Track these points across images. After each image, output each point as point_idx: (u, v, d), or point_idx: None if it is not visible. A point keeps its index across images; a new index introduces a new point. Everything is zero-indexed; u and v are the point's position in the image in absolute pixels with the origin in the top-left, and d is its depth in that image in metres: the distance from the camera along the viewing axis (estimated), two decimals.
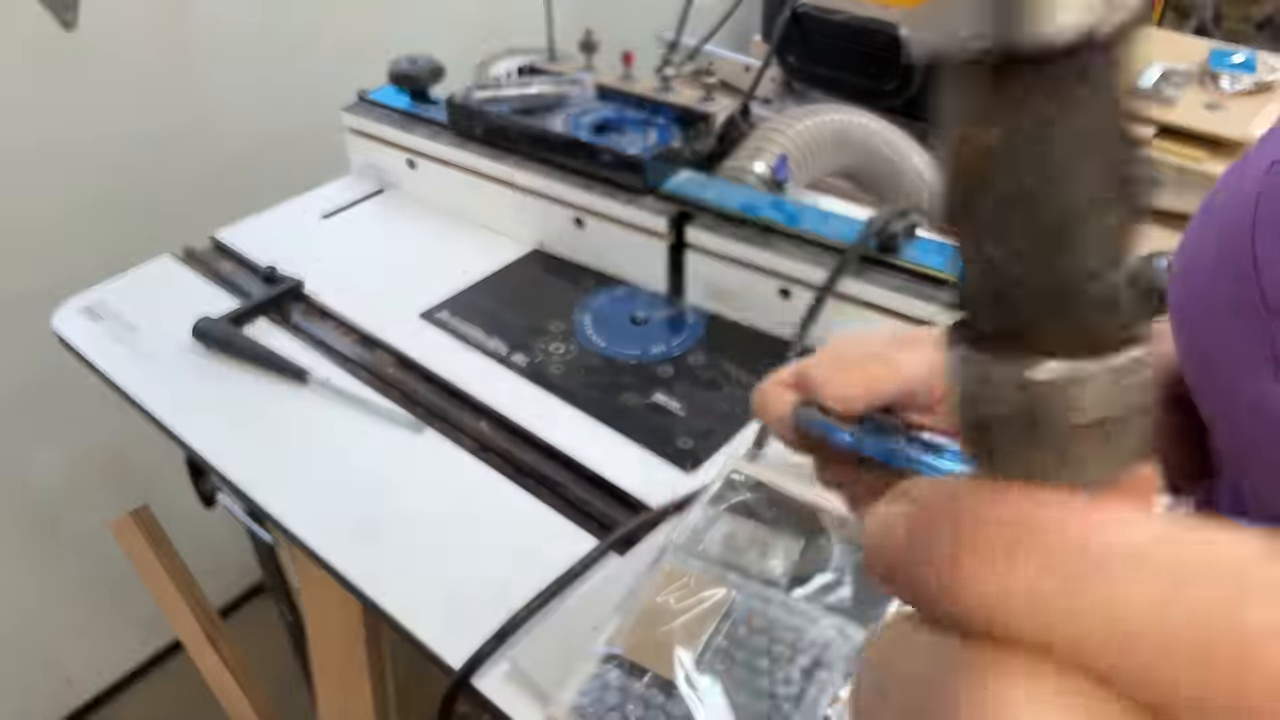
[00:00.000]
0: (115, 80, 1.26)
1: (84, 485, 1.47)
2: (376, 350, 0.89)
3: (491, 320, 0.92)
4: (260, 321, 0.92)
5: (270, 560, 1.11)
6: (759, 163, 0.96)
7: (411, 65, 1.11)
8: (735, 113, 1.04)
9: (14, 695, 1.53)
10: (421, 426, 0.78)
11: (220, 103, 1.39)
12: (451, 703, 0.61)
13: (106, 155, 1.29)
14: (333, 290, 0.96)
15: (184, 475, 0.96)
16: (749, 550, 0.60)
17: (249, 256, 1.02)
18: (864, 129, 0.98)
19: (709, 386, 0.83)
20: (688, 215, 0.90)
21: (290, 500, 0.73)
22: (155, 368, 0.87)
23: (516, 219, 1.03)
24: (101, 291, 0.98)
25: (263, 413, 0.82)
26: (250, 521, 0.99)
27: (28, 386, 1.34)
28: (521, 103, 1.02)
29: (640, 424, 0.78)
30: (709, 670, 0.54)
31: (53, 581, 1.50)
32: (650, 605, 0.58)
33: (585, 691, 0.54)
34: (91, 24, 1.20)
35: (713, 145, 1.03)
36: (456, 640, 0.61)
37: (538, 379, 0.84)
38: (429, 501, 0.73)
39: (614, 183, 0.94)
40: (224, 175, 1.44)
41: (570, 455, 0.75)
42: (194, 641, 1.25)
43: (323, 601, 0.91)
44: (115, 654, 1.66)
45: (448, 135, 1.05)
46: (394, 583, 0.66)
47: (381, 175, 1.15)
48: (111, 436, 1.45)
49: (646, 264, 0.94)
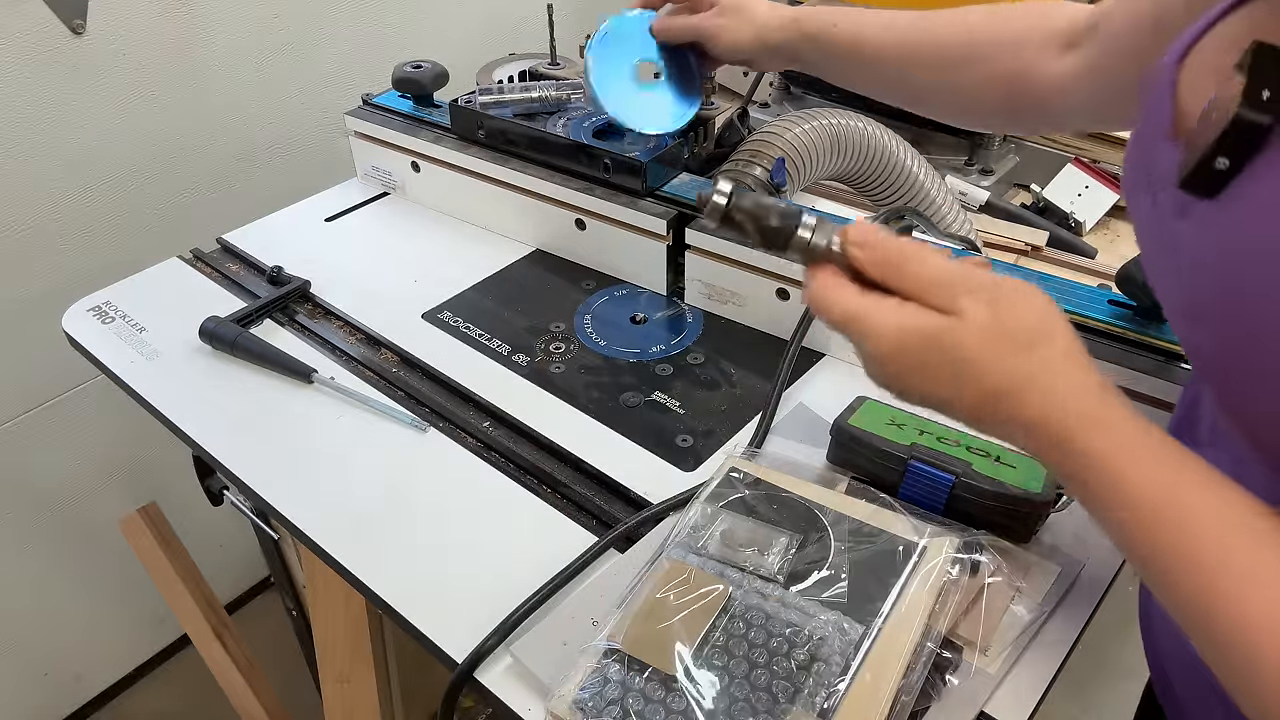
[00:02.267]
0: (123, 85, 1.27)
1: (92, 483, 1.48)
2: (381, 350, 0.90)
3: (493, 320, 0.93)
4: (266, 322, 0.94)
5: (276, 556, 1.12)
6: (757, 166, 0.98)
7: (415, 70, 1.12)
8: (734, 116, 1.06)
9: (24, 691, 1.55)
10: (425, 425, 0.80)
11: (227, 107, 1.40)
12: (455, 696, 0.62)
13: (115, 159, 1.30)
14: (337, 291, 0.98)
15: (191, 473, 0.98)
16: (747, 547, 0.61)
17: (255, 258, 1.03)
18: (861, 133, 0.99)
19: (708, 386, 0.84)
20: (687, 217, 0.91)
21: (296, 497, 0.74)
22: (163, 367, 0.88)
23: (518, 221, 1.04)
24: (110, 292, 0.99)
25: (269, 411, 0.83)
26: (256, 518, 1.01)
27: (37, 386, 1.35)
28: (523, 107, 1.03)
29: (640, 422, 0.80)
30: (708, 665, 0.55)
31: (61, 578, 1.51)
32: (650, 601, 0.59)
33: (586, 685, 0.55)
34: (100, 30, 1.22)
35: (711, 148, 1.04)
36: (460, 635, 0.62)
37: (539, 378, 0.85)
38: (432, 498, 0.74)
39: (614, 185, 0.95)
40: (231, 179, 1.45)
41: (571, 453, 0.76)
42: (201, 636, 1.27)
43: (328, 596, 0.92)
44: (123, 649, 1.68)
45: (451, 139, 1.07)
46: (398, 578, 0.67)
47: (385, 178, 1.16)
48: (119, 435, 1.47)
49: (646, 265, 0.95)
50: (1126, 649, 0.42)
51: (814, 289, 0.49)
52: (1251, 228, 0.40)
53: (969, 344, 0.45)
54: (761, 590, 0.59)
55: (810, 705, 0.53)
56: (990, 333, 0.45)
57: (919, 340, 0.46)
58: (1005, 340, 0.45)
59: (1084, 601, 0.63)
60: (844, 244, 0.49)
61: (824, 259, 0.50)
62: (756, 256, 0.87)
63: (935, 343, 0.46)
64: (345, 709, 1.00)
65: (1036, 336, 0.46)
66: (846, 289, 0.49)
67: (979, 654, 0.58)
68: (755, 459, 0.70)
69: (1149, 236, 0.50)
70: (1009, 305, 0.46)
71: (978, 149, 1.30)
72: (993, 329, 0.46)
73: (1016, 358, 0.45)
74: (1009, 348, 0.45)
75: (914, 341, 0.46)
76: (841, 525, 0.62)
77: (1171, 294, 0.48)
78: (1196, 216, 0.43)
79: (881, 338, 0.47)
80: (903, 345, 0.47)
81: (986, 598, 0.60)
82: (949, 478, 0.64)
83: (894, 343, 0.47)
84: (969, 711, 0.56)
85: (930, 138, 1.32)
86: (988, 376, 0.45)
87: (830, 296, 0.49)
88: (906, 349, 0.47)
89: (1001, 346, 0.45)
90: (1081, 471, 0.44)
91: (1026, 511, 0.63)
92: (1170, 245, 0.46)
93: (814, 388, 0.83)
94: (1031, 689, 0.58)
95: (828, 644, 0.55)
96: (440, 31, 1.65)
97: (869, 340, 0.47)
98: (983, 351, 0.45)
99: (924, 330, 0.46)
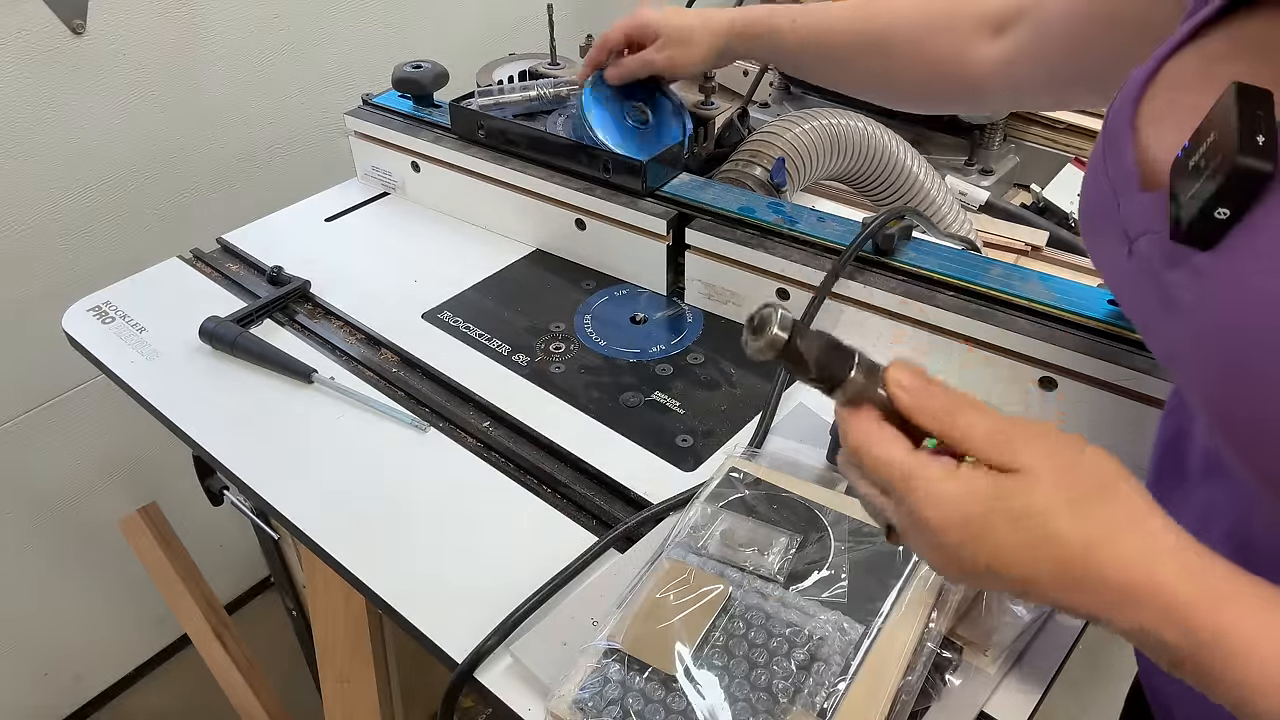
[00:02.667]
0: (123, 85, 1.27)
1: (92, 483, 1.48)
2: (381, 350, 0.90)
3: (493, 320, 0.93)
4: (266, 322, 0.94)
5: (276, 556, 1.12)
6: (757, 166, 0.98)
7: (415, 70, 1.12)
8: (734, 116, 1.06)
9: (24, 690, 1.55)
10: (425, 425, 0.80)
11: (227, 107, 1.40)
12: (455, 696, 0.62)
13: (115, 159, 1.30)
14: (337, 291, 0.98)
15: (191, 473, 0.98)
16: (747, 547, 0.62)
17: (255, 258, 1.03)
18: (861, 133, 0.99)
19: (708, 385, 0.84)
20: (687, 217, 0.91)
21: (296, 497, 0.74)
22: (163, 367, 0.88)
23: (518, 221, 1.04)
24: (110, 292, 0.99)
25: (269, 411, 0.83)
26: (256, 518, 1.01)
27: (37, 386, 1.35)
28: (523, 107, 1.03)
29: (640, 423, 0.80)
30: (708, 665, 0.55)
31: (61, 578, 1.51)
32: (650, 601, 0.59)
33: (586, 685, 0.55)
34: (100, 30, 1.22)
35: (712, 148, 1.04)
36: (460, 634, 0.62)
37: (539, 378, 0.85)
38: (432, 498, 0.74)
39: (614, 185, 0.95)
40: (231, 179, 1.45)
41: (571, 453, 0.76)
42: (201, 636, 1.27)
43: (328, 596, 0.92)
44: (123, 649, 1.68)
45: (451, 139, 1.07)
46: (398, 578, 0.67)
47: (385, 178, 1.16)
48: (120, 435, 1.47)
49: (646, 265, 0.95)
50: (1125, 649, 0.42)
51: (859, 437, 0.43)
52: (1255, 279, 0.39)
53: (1039, 500, 0.39)
54: (761, 590, 0.59)
55: (810, 705, 0.53)
56: (1063, 484, 0.39)
57: (982, 505, 0.39)
58: (1078, 492, 0.39)
59: None
60: (888, 387, 0.43)
61: (868, 399, 0.44)
62: (757, 256, 0.87)
63: (1002, 504, 0.39)
64: (345, 709, 1.00)
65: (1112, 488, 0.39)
66: (898, 443, 0.42)
67: (979, 654, 0.58)
68: (755, 459, 0.70)
69: (1128, 286, 0.48)
70: (1077, 453, 0.40)
71: (978, 149, 1.30)
72: (1065, 479, 0.39)
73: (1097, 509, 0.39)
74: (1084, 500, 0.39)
75: (977, 508, 0.39)
76: (841, 525, 0.63)
77: (1166, 343, 0.46)
78: (1191, 267, 0.42)
79: (942, 503, 0.40)
80: (966, 513, 0.40)
81: (986, 598, 0.60)
82: None
83: (955, 509, 0.40)
84: (969, 711, 0.56)
85: (930, 138, 1.32)
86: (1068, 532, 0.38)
87: (879, 452, 0.42)
88: (970, 518, 0.39)
89: (1075, 499, 0.39)
90: (1202, 648, 0.36)
91: None
92: (1160, 295, 0.44)
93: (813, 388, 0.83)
94: (1031, 689, 0.58)
95: (828, 644, 0.55)
96: (440, 31, 1.65)
97: (927, 507, 0.40)
98: (1056, 504, 0.39)
99: (988, 492, 0.40)
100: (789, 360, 0.43)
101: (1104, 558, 0.38)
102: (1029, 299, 0.77)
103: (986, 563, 0.40)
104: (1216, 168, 0.38)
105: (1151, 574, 0.37)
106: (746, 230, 0.89)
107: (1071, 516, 0.38)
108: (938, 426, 0.42)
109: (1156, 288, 0.45)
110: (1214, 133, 0.39)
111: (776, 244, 0.87)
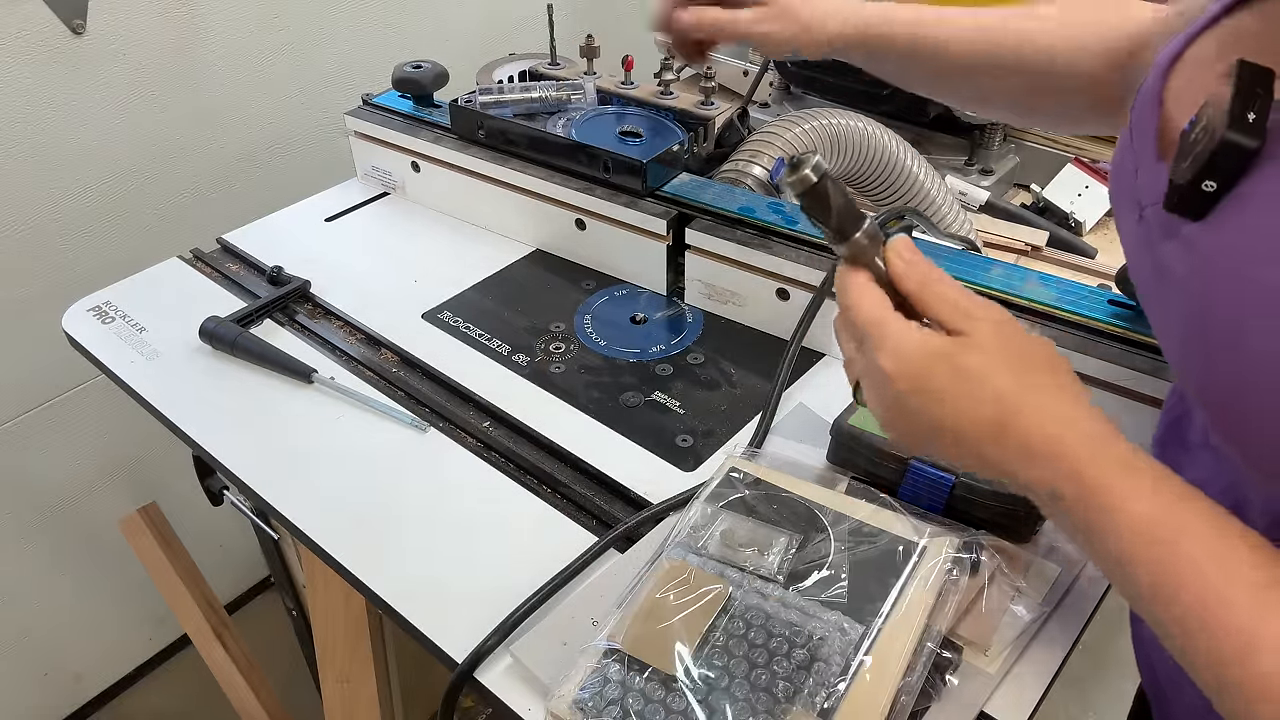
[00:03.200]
0: (123, 85, 1.27)
1: (92, 483, 1.48)
2: (381, 350, 0.90)
3: (493, 320, 0.93)
4: (266, 322, 0.94)
5: (276, 556, 1.12)
6: (757, 166, 0.98)
7: (415, 70, 1.12)
8: (734, 116, 1.06)
9: (24, 690, 1.55)
10: (425, 425, 0.80)
11: (227, 107, 1.40)
12: (455, 696, 0.62)
13: (115, 159, 1.30)
14: (337, 291, 0.98)
15: (191, 473, 0.98)
16: (747, 546, 0.62)
17: (255, 258, 1.03)
18: (861, 133, 0.99)
19: (708, 385, 0.84)
20: (687, 217, 0.91)
21: (296, 497, 0.74)
22: (163, 367, 0.88)
23: (518, 221, 1.04)
24: (110, 292, 0.99)
25: (269, 411, 0.83)
26: (256, 518, 1.01)
27: (37, 386, 1.35)
28: (523, 107, 1.03)
29: (640, 423, 0.80)
30: (708, 665, 0.55)
31: (61, 578, 1.51)
32: (650, 601, 0.59)
33: (586, 685, 0.55)
34: (100, 30, 1.22)
35: (711, 148, 1.04)
36: (460, 634, 0.62)
37: (539, 378, 0.85)
38: (433, 498, 0.74)
39: (614, 185, 0.95)
40: (231, 179, 1.45)
41: (571, 453, 0.76)
42: (201, 636, 1.27)
43: (328, 596, 0.92)
44: (123, 649, 1.68)
45: (451, 139, 1.07)
46: (398, 577, 0.67)
47: (385, 178, 1.16)
48: (119, 435, 1.47)
49: (646, 265, 0.95)
50: (1125, 649, 0.42)
51: (851, 285, 0.49)
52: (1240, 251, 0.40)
53: (985, 359, 0.45)
54: (761, 590, 0.59)
55: (810, 705, 0.53)
56: (999, 350, 0.46)
57: (932, 359, 0.46)
58: (1013, 359, 0.46)
59: (1084, 601, 0.63)
60: (886, 251, 0.50)
61: (865, 263, 0.50)
62: (757, 257, 0.87)
63: (950, 359, 0.46)
64: (345, 709, 1.00)
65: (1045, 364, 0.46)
66: (881, 296, 0.49)
67: (979, 654, 0.58)
68: (755, 459, 0.70)
69: (1135, 254, 0.50)
70: (1016, 332, 0.47)
71: (978, 149, 1.30)
72: (1011, 348, 0.46)
73: (1025, 376, 0.45)
74: (1017, 366, 0.45)
75: (928, 360, 0.46)
76: (841, 525, 0.62)
77: (1159, 314, 0.48)
78: (1183, 238, 0.43)
79: (899, 350, 0.47)
80: (919, 365, 0.46)
81: (986, 598, 0.60)
82: (949, 478, 0.64)
83: (909, 360, 0.46)
84: (969, 711, 0.56)
85: (930, 138, 1.32)
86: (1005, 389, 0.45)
87: (865, 297, 0.49)
88: (921, 369, 0.46)
89: (1010, 363, 0.45)
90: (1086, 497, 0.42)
91: (1026, 512, 0.64)
92: (1157, 265, 0.46)
93: (814, 388, 0.83)
94: (1031, 689, 0.58)
95: (828, 644, 0.55)
96: (440, 31, 1.65)
97: (886, 350, 0.47)
98: (998, 364, 0.45)
99: (938, 350, 0.46)
100: (815, 200, 0.48)
101: (1029, 416, 0.44)
102: (1029, 299, 0.77)
103: (928, 414, 0.46)
104: (1207, 142, 0.40)
105: (1063, 437, 0.43)
106: (746, 230, 0.89)
107: (1011, 376, 0.45)
108: (915, 289, 0.48)
109: (1153, 257, 0.46)
110: (1212, 107, 0.40)
111: (776, 244, 0.87)
